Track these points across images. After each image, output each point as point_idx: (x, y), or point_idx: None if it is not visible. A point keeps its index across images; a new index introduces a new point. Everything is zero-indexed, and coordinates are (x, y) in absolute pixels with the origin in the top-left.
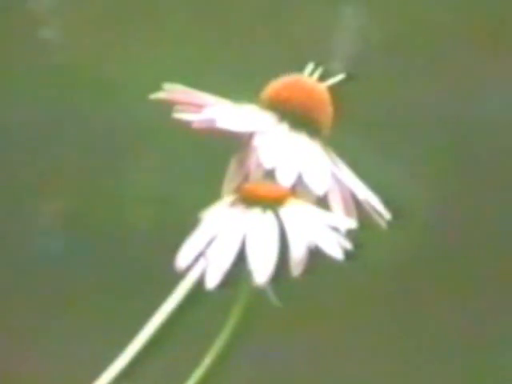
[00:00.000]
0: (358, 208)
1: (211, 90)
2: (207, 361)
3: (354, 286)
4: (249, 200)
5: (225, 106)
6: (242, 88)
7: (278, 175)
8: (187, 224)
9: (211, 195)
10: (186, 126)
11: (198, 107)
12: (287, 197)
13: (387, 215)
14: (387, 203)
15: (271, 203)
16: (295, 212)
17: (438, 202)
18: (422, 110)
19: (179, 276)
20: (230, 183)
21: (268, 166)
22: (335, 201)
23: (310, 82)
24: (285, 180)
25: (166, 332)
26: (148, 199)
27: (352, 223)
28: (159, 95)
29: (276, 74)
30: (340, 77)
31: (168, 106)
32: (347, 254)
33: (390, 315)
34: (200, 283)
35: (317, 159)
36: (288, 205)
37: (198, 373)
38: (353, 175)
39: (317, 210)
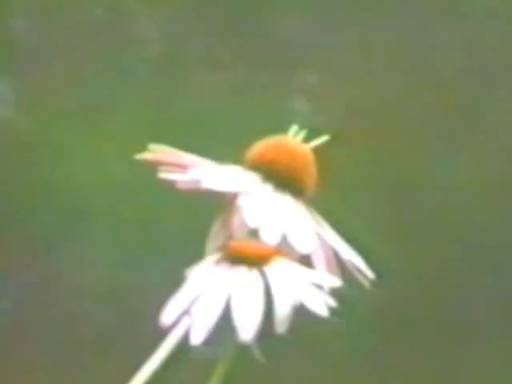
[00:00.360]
0: (342, 268)
1: (195, 151)
2: None
3: (338, 341)
4: (234, 258)
5: (209, 167)
6: (226, 149)
7: (263, 234)
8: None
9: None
10: (170, 185)
11: (183, 167)
12: (272, 255)
13: (370, 275)
14: (370, 263)
15: (256, 261)
16: (280, 270)
17: (416, 263)
18: (404, 173)
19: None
20: (213, 242)
21: (252, 225)
22: (319, 260)
23: (294, 144)
24: (269, 239)
25: None
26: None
27: (336, 281)
28: (144, 156)
29: (260, 135)
30: (324, 138)
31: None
32: (331, 311)
33: (372, 371)
34: (185, 340)
35: (301, 219)
36: (273, 263)
37: None
38: (336, 235)
39: (301, 268)
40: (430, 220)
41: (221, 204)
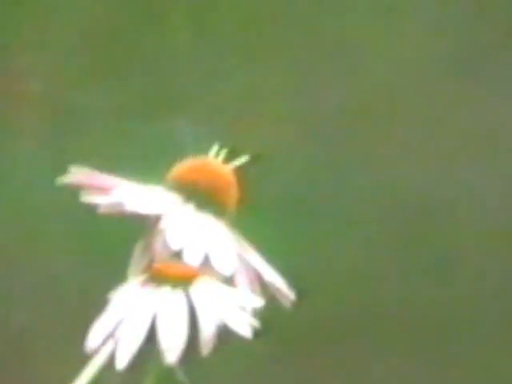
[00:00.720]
0: (264, 288)
1: (117, 171)
2: None
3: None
4: (158, 279)
5: (131, 188)
6: (148, 169)
7: (186, 256)
8: None
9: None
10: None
11: (105, 190)
12: (196, 275)
13: (291, 296)
14: (291, 284)
15: (180, 282)
16: (204, 290)
17: (338, 281)
18: (327, 194)
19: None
20: (136, 265)
21: (175, 247)
22: (241, 281)
23: (215, 164)
24: (192, 260)
25: None
26: None
27: (258, 302)
28: (65, 179)
29: (181, 155)
30: (244, 158)
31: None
32: (255, 332)
33: None
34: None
35: (222, 240)
36: (197, 283)
37: None
38: (258, 256)
39: (225, 288)
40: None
41: (143, 226)
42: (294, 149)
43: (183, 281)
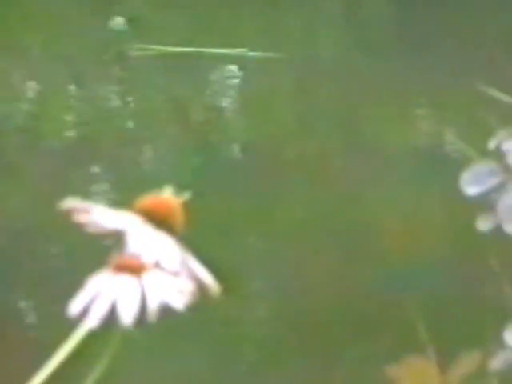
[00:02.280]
0: (196, 280)
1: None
2: None
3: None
4: (121, 268)
5: (106, 211)
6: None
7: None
8: None
9: None
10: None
11: (87, 212)
12: (147, 267)
13: (216, 287)
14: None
15: (136, 271)
16: (152, 278)
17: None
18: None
19: None
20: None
21: (133, 250)
22: (181, 274)
23: (167, 197)
24: (149, 259)
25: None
26: None
27: (189, 286)
28: (61, 206)
29: (143, 191)
30: (188, 195)
31: None
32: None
33: None
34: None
35: (170, 248)
36: (148, 273)
37: None
38: (194, 260)
39: (168, 277)
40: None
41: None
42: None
43: (138, 271)
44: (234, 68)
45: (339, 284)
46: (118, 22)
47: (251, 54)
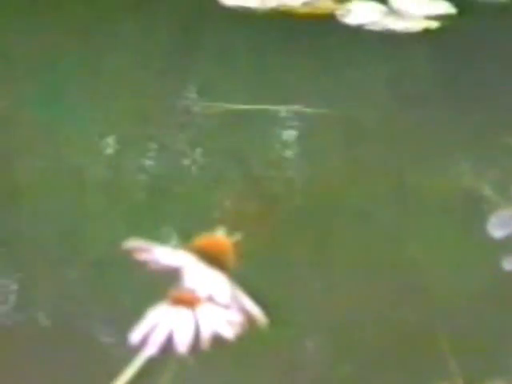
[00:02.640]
0: (245, 312)
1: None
2: None
3: None
4: (177, 302)
5: (167, 251)
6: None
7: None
8: None
9: None
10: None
11: (149, 252)
12: (200, 301)
13: (264, 320)
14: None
15: (191, 304)
16: (205, 310)
17: None
18: None
19: None
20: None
21: (188, 285)
22: (232, 307)
23: (220, 238)
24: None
25: None
26: None
27: (238, 318)
28: (126, 245)
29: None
30: (239, 236)
31: None
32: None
33: None
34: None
35: (224, 284)
36: (201, 306)
37: None
38: (244, 295)
39: (220, 310)
40: None
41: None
42: None
43: (192, 304)
44: (291, 123)
45: (385, 317)
46: (191, 90)
47: (308, 110)
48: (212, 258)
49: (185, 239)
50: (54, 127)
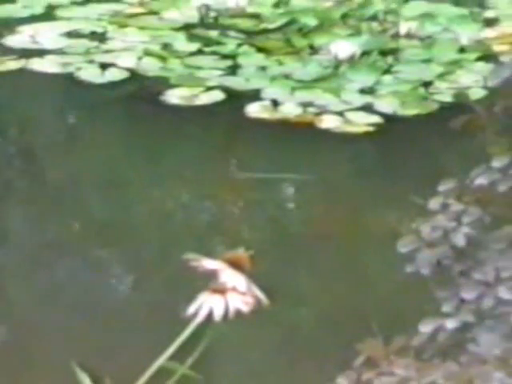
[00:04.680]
0: (255, 297)
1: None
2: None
3: None
4: (214, 291)
5: (210, 261)
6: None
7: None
8: None
9: None
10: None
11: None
12: (229, 290)
13: (265, 299)
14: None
15: (223, 292)
16: (232, 295)
17: None
18: None
19: None
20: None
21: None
22: (248, 294)
23: (241, 253)
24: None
25: None
26: None
27: (251, 300)
28: (186, 257)
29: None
30: (251, 252)
31: None
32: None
33: None
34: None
35: (243, 280)
36: (229, 293)
37: None
38: (255, 286)
39: (240, 295)
40: None
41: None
42: None
43: (224, 292)
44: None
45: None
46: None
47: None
48: (236, 265)
49: (219, 254)
50: None
